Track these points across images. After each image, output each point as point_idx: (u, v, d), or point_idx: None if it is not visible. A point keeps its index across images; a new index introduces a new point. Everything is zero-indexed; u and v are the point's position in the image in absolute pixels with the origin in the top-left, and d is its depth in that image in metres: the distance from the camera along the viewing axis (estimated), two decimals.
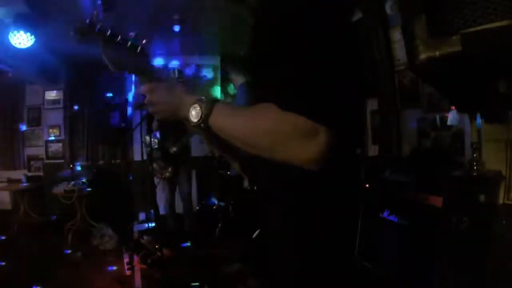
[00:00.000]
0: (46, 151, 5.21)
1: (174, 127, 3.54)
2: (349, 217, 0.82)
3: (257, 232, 1.14)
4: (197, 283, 2.78)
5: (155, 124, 3.59)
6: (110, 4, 3.04)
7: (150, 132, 3.73)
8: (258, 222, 1.04)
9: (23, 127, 5.20)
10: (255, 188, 1.03)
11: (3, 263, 3.20)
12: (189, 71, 5.04)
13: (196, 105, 0.77)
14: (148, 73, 0.93)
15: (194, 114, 0.77)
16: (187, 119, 0.80)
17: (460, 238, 1.71)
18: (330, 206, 0.76)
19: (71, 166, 4.73)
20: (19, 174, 5.02)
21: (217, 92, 5.02)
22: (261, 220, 0.98)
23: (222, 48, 4.76)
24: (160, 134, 3.65)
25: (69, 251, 3.57)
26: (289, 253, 0.81)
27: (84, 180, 4.22)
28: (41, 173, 5.16)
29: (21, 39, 3.24)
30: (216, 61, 5.12)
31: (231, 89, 4.81)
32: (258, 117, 0.69)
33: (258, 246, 1.09)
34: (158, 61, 4.97)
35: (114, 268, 3.07)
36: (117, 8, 3.09)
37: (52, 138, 5.20)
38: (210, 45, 4.61)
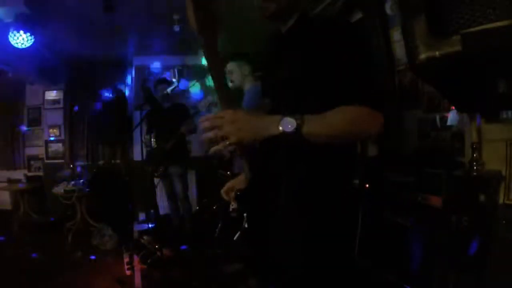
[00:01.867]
0: (46, 151, 5.21)
1: (167, 125, 3.54)
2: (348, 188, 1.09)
3: (238, 234, 1.17)
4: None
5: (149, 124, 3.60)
6: (110, 3, 3.04)
7: (150, 132, 3.75)
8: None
9: (24, 128, 5.20)
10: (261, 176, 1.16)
11: (3, 263, 3.20)
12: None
13: (286, 119, 0.88)
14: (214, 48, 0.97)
15: (289, 126, 0.88)
16: (274, 134, 0.89)
17: (460, 238, 1.71)
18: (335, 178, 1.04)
19: (71, 166, 4.74)
20: (19, 174, 5.03)
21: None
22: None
23: (223, 48, 4.75)
24: (155, 133, 3.65)
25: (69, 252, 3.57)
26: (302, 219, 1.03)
27: (84, 180, 4.22)
28: (41, 173, 5.16)
29: (21, 39, 3.24)
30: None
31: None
32: (342, 115, 0.92)
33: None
34: (156, 64, 4.98)
35: (114, 268, 3.07)
36: (117, 8, 3.09)
37: (52, 138, 5.20)
38: None
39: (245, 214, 1.17)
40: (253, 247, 1.22)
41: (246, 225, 1.15)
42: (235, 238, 1.16)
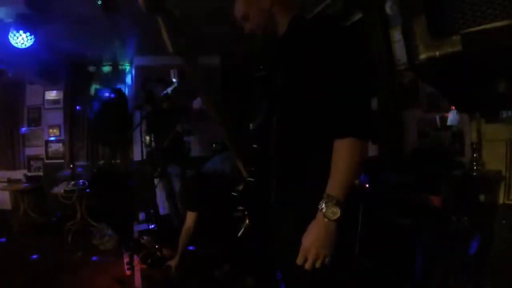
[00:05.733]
0: (46, 151, 5.21)
1: (166, 126, 3.53)
2: None
3: (241, 231, 1.19)
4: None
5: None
6: (109, 3, 3.04)
7: (149, 132, 3.74)
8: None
9: (24, 128, 5.20)
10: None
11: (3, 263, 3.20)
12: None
13: (328, 213, 0.96)
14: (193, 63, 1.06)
15: (332, 213, 0.96)
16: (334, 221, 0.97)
17: (460, 238, 1.71)
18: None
19: (71, 166, 4.74)
20: (19, 174, 5.02)
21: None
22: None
23: (222, 48, 4.76)
24: (154, 134, 3.65)
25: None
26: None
27: (84, 180, 4.22)
28: (41, 173, 5.16)
29: (21, 39, 3.23)
30: (217, 60, 5.12)
31: None
32: (347, 159, 0.99)
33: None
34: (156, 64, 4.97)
35: (114, 268, 3.07)
36: (118, 8, 3.09)
37: (52, 138, 5.20)
38: (210, 45, 4.61)
39: (246, 212, 1.19)
40: (254, 244, 1.23)
41: (247, 222, 1.17)
42: (239, 235, 1.18)
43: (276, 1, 1.14)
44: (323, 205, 0.97)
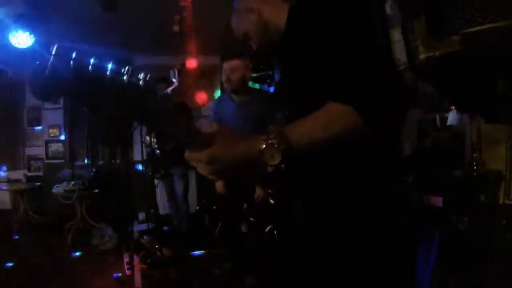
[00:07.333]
0: (46, 151, 5.21)
1: (164, 127, 3.53)
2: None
3: (269, 227, 1.15)
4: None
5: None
6: (111, 4, 3.04)
7: (150, 132, 3.74)
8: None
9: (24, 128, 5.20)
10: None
11: (3, 264, 3.20)
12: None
13: (266, 147, 0.73)
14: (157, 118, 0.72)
15: (271, 155, 0.73)
16: (263, 164, 0.74)
17: (460, 238, 1.71)
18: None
19: (71, 166, 4.75)
20: (19, 174, 5.02)
21: None
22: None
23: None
24: (155, 135, 3.64)
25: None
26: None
27: (84, 180, 4.22)
28: (41, 173, 5.16)
29: (21, 39, 3.24)
30: (216, 60, 5.11)
31: None
32: (328, 121, 0.79)
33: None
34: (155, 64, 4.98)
35: (114, 268, 3.07)
36: (118, 8, 3.09)
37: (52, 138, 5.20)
38: (210, 45, 4.61)
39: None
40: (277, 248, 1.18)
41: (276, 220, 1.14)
42: (266, 230, 1.15)
43: (261, 4, 1.02)
44: (270, 141, 0.72)
